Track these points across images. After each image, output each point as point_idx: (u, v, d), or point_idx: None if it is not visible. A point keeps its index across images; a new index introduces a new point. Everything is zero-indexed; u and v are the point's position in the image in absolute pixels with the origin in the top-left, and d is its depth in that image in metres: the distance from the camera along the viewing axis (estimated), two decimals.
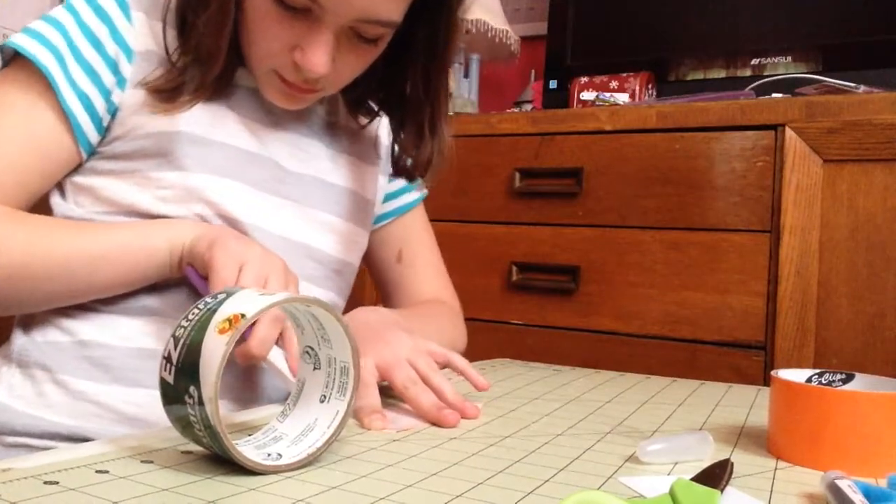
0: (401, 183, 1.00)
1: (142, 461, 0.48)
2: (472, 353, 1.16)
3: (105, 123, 0.75)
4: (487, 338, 1.60)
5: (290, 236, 0.81)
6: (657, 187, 1.46)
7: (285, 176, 0.82)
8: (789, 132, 1.34)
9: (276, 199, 0.80)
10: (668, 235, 1.45)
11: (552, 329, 1.54)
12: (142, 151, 0.75)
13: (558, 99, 1.85)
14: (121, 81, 0.74)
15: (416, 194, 1.04)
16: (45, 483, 0.42)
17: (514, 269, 1.59)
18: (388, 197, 1.00)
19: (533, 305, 1.57)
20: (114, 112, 0.75)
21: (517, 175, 1.59)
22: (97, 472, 0.45)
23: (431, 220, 1.72)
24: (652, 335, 1.45)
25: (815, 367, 1.28)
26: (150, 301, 0.74)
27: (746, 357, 1.37)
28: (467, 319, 1.68)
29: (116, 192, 0.75)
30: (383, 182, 0.97)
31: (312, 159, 0.85)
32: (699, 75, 1.75)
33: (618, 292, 1.48)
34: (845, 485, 0.44)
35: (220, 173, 0.76)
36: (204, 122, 0.76)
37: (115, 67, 0.74)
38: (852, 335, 1.29)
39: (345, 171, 0.89)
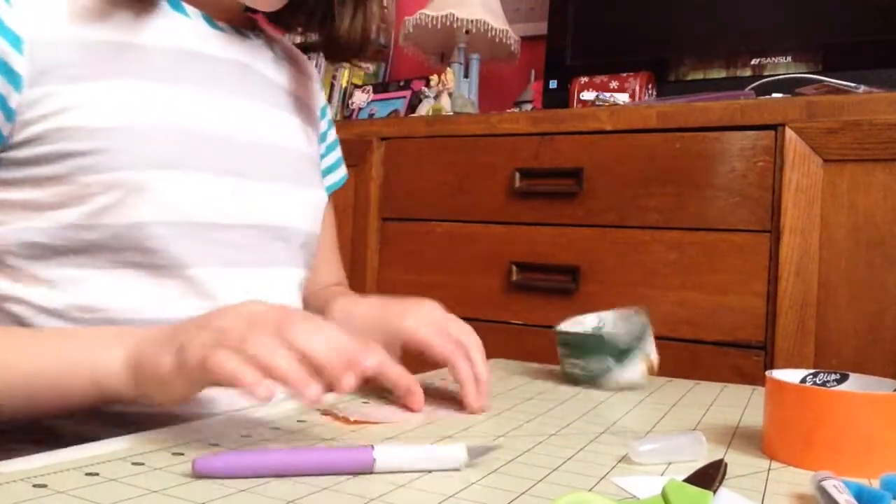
0: (330, 160, 0.99)
1: (132, 463, 0.47)
2: None
3: (6, 132, 0.64)
4: (487, 338, 1.58)
5: (253, 221, 0.75)
6: (657, 187, 1.46)
7: (234, 149, 0.75)
8: (789, 132, 1.34)
9: (230, 180, 0.73)
10: (668, 235, 1.45)
11: (552, 329, 1.54)
12: (58, 154, 0.65)
13: (558, 99, 1.85)
14: (14, 80, 0.63)
15: (339, 174, 1.01)
16: (34, 486, 0.42)
17: (514, 269, 1.59)
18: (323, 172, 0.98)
19: (533, 305, 1.57)
20: (12, 117, 0.64)
21: (517, 175, 1.59)
22: (87, 474, 0.45)
23: (431, 219, 1.73)
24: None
25: (815, 367, 1.28)
26: None
27: (746, 357, 1.37)
28: (467, 319, 1.68)
29: (37, 207, 0.65)
30: (315, 142, 0.94)
31: (260, 122, 0.79)
32: (699, 75, 1.75)
33: (618, 292, 1.48)
34: (831, 485, 0.44)
35: (164, 165, 0.68)
36: (130, 105, 0.68)
37: (4, 67, 0.63)
38: (852, 335, 1.29)
39: (291, 130, 0.85)
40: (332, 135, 1.01)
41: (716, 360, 1.39)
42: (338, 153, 1.02)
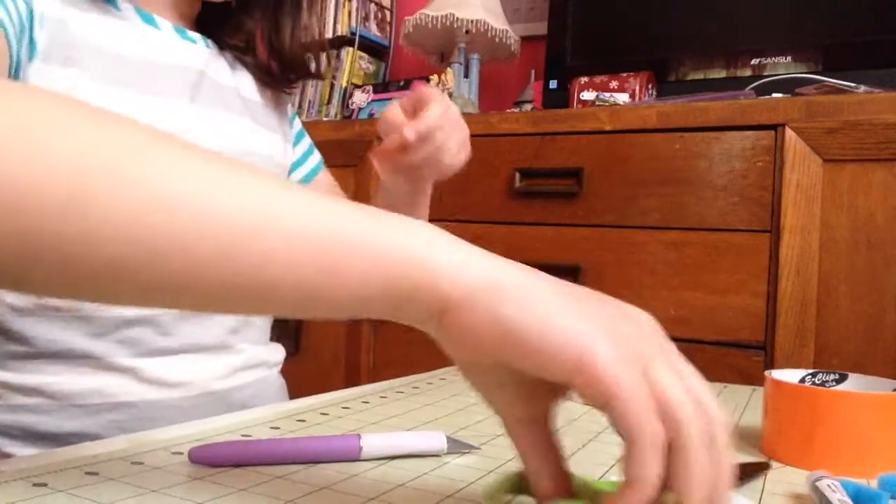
0: (302, 149, 0.98)
1: (132, 463, 0.48)
2: None
3: None
4: None
5: None
6: (657, 187, 1.46)
7: None
8: (789, 132, 1.34)
9: None
10: (668, 235, 1.45)
11: None
12: None
13: (558, 99, 1.85)
14: (32, 50, 0.64)
15: (317, 157, 1.00)
16: (34, 485, 0.42)
17: None
18: (294, 166, 0.96)
19: None
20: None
21: (517, 175, 1.59)
22: (87, 473, 0.45)
23: (431, 219, 1.72)
24: None
25: (815, 367, 1.28)
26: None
27: (746, 357, 1.37)
28: None
29: None
30: (289, 148, 0.94)
31: (227, 131, 0.81)
32: (699, 75, 1.75)
33: (618, 292, 1.46)
34: (825, 485, 0.44)
35: None
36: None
37: (28, 36, 0.64)
38: (852, 335, 1.29)
39: (258, 138, 0.85)
40: (298, 125, 1.00)
41: (716, 360, 1.39)
42: (308, 140, 1.00)
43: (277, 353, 0.87)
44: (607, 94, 1.71)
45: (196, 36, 0.82)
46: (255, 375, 0.81)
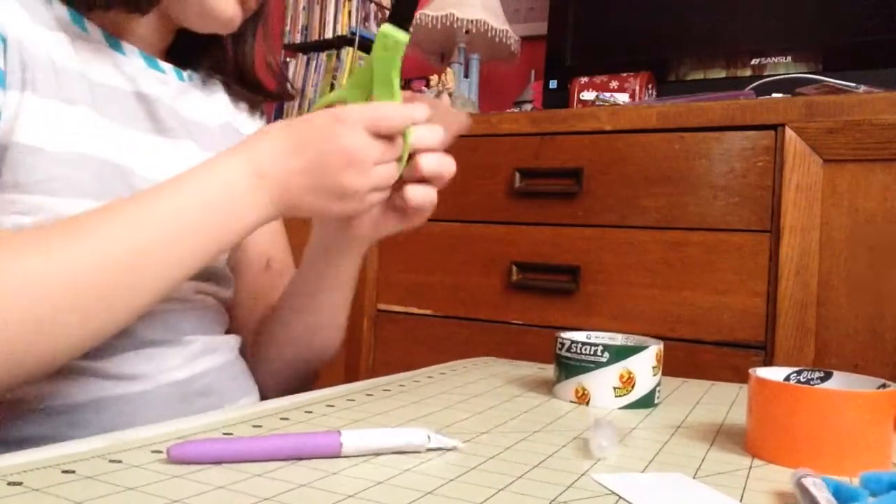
0: None
1: (110, 461, 0.48)
2: (471, 353, 1.17)
3: None
4: (487, 338, 1.60)
5: None
6: (657, 187, 1.45)
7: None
8: (789, 132, 1.33)
9: None
10: (668, 235, 1.44)
11: (552, 329, 1.54)
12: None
13: (558, 99, 1.85)
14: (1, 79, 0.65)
15: None
16: (9, 484, 0.42)
17: (514, 269, 1.58)
18: None
19: (533, 305, 1.57)
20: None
21: (517, 175, 1.59)
22: (63, 472, 0.45)
23: (431, 220, 1.72)
24: (652, 335, 1.44)
25: (815, 367, 1.28)
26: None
27: (746, 357, 1.37)
28: (467, 319, 1.69)
29: None
30: None
31: (185, 164, 0.78)
32: (699, 75, 1.75)
33: (618, 292, 1.48)
34: (811, 483, 0.44)
35: (83, 195, 0.67)
36: (64, 130, 0.68)
37: None
38: (852, 335, 1.29)
39: None
40: None
41: (716, 360, 1.38)
42: None
43: (233, 339, 0.86)
44: (607, 94, 1.71)
45: (166, 66, 0.82)
46: (213, 361, 0.79)
